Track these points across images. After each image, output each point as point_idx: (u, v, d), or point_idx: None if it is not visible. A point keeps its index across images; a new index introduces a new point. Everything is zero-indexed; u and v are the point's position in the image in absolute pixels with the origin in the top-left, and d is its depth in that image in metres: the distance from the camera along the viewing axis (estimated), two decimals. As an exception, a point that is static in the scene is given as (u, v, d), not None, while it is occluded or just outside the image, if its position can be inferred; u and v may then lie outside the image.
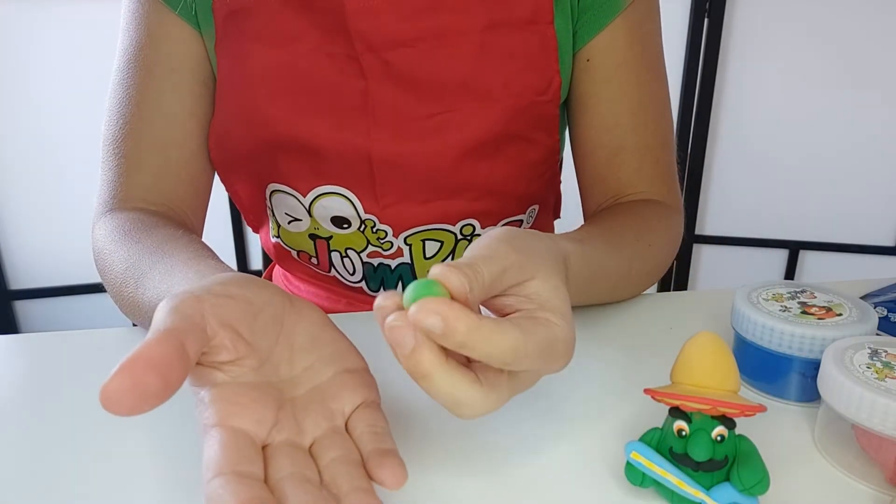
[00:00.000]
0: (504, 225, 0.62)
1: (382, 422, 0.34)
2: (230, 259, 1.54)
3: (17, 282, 1.51)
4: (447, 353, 0.29)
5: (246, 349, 0.32)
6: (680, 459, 0.33)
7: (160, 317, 0.29)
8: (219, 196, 0.63)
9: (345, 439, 0.33)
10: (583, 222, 0.58)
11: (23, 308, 1.54)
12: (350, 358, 0.36)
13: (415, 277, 0.63)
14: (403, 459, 0.32)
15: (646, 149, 0.59)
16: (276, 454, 0.31)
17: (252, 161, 0.58)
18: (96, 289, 1.52)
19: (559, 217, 0.73)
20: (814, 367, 0.40)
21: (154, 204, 0.56)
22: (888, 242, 1.58)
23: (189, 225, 0.58)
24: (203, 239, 0.61)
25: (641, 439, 0.34)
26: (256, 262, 1.56)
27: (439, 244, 0.61)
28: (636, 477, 0.34)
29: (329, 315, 0.37)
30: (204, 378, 0.31)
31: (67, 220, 1.45)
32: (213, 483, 0.28)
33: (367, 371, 0.36)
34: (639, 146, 0.58)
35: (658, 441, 0.34)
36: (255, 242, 1.54)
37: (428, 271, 0.61)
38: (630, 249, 0.52)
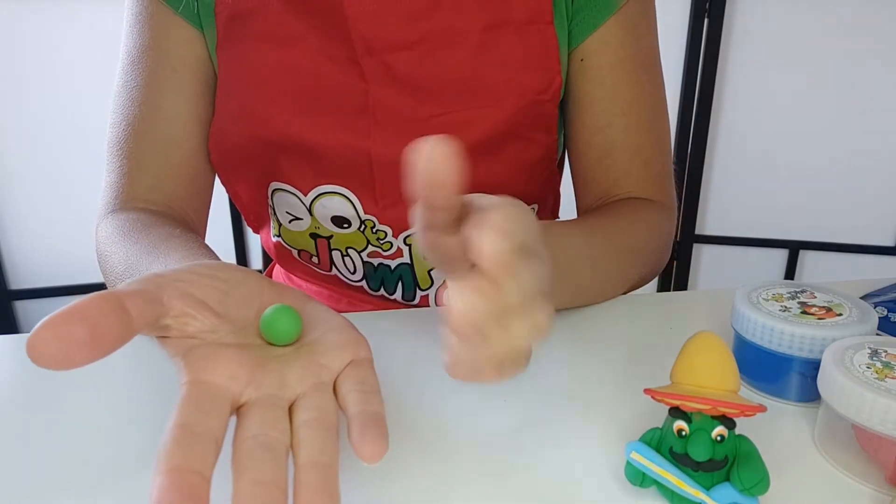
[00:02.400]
0: None
1: (372, 379, 0.32)
2: (230, 259, 1.54)
3: (17, 282, 1.51)
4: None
5: (216, 319, 0.31)
6: (680, 459, 0.33)
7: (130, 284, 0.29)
8: (219, 196, 0.64)
9: (325, 398, 0.31)
10: None
11: (23, 308, 1.54)
12: (337, 318, 0.35)
13: (414, 277, 0.63)
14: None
15: (637, 150, 0.59)
16: (248, 412, 0.29)
17: (252, 161, 0.58)
18: (96, 289, 1.53)
19: (558, 216, 0.73)
20: (814, 367, 0.40)
21: (156, 203, 0.56)
22: (888, 242, 1.58)
23: (191, 224, 0.58)
24: (204, 238, 0.62)
25: (641, 439, 0.34)
26: (256, 262, 1.56)
27: None
28: (636, 477, 0.34)
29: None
30: (178, 346, 0.30)
31: (67, 220, 1.45)
32: (165, 435, 0.27)
33: (357, 331, 0.35)
34: (630, 147, 0.58)
35: (658, 441, 0.34)
36: (255, 242, 1.54)
37: (428, 271, 0.62)
38: (614, 241, 0.52)
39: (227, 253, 1.53)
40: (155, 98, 0.56)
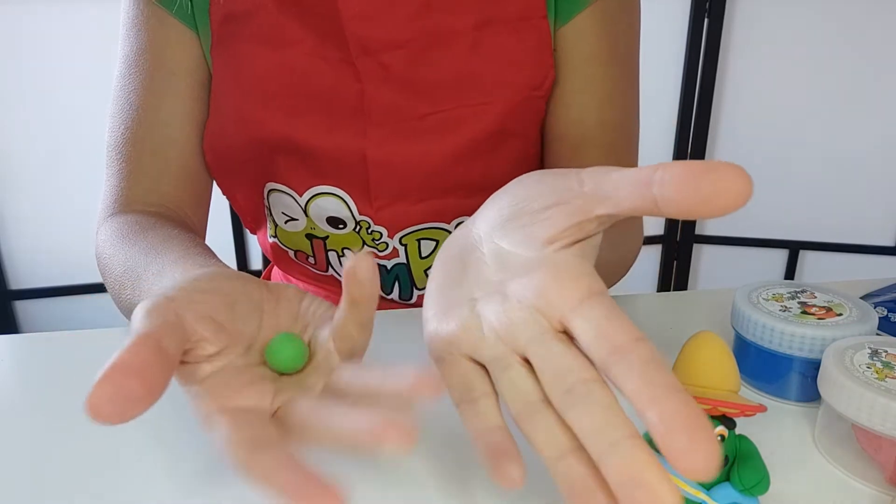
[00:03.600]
0: None
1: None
2: (230, 259, 1.54)
3: (17, 282, 1.51)
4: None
5: (228, 338, 0.31)
6: (680, 459, 0.33)
7: (136, 323, 0.29)
8: (219, 196, 0.64)
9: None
10: None
11: (23, 308, 1.53)
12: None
13: (411, 277, 0.63)
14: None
15: (610, 148, 0.58)
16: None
17: (248, 162, 0.58)
18: (96, 289, 1.54)
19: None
20: (814, 367, 0.40)
21: (154, 206, 0.56)
22: (888, 242, 1.58)
23: (191, 225, 0.58)
24: (204, 239, 0.62)
25: (641, 439, 0.34)
26: (256, 262, 1.56)
27: (434, 243, 0.61)
28: (636, 477, 0.34)
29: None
30: (191, 375, 0.31)
31: (67, 220, 1.45)
32: (245, 458, 0.26)
33: None
34: (603, 144, 0.57)
35: (658, 441, 0.34)
36: (255, 243, 1.54)
37: (425, 271, 0.62)
38: None
39: (227, 253, 1.53)
40: (152, 101, 0.56)
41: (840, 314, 0.43)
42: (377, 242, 0.60)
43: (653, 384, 0.24)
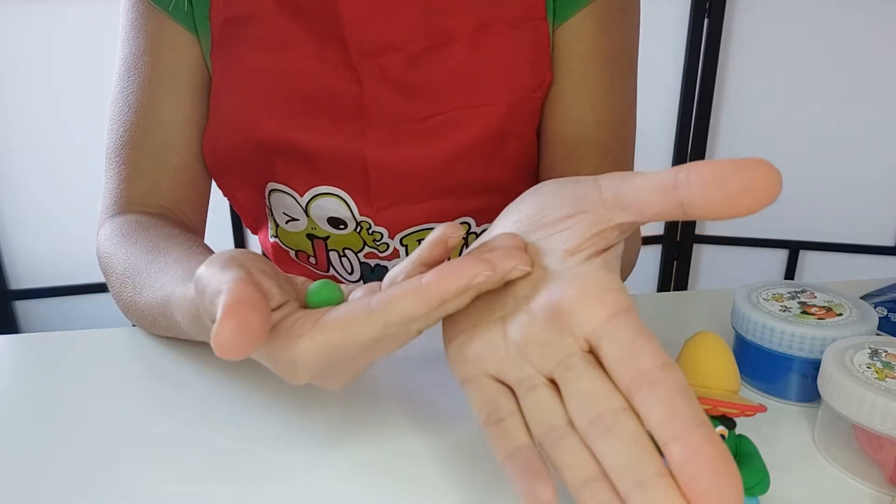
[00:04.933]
0: None
1: None
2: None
3: (17, 282, 1.50)
4: None
5: (286, 294, 0.31)
6: (680, 459, 0.33)
7: (210, 275, 0.29)
8: (219, 196, 0.64)
9: None
10: None
11: (23, 308, 1.53)
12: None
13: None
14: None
15: (606, 149, 0.58)
16: None
17: (248, 164, 0.58)
18: (96, 289, 1.53)
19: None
20: (814, 367, 0.40)
21: (154, 207, 0.56)
22: (888, 242, 1.58)
23: (189, 226, 0.58)
24: (204, 239, 0.62)
25: (641, 439, 0.34)
26: (256, 262, 1.56)
27: None
28: (636, 477, 0.34)
29: None
30: None
31: (68, 220, 1.45)
32: None
33: None
34: (600, 144, 0.57)
35: (658, 441, 0.34)
36: (255, 243, 1.54)
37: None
38: None
39: (227, 253, 1.53)
40: (151, 103, 0.56)
41: (840, 314, 0.43)
42: (378, 243, 0.60)
43: (677, 416, 0.23)
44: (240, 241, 1.54)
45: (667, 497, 0.23)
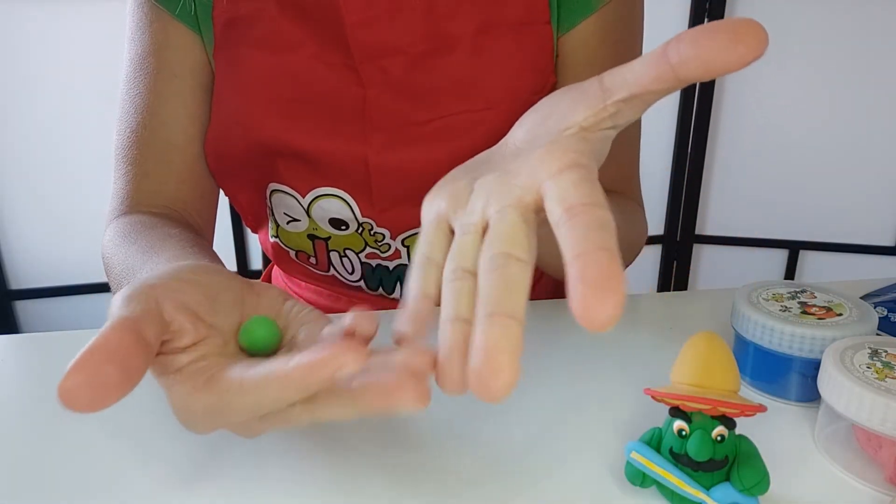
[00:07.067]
0: None
1: None
2: (230, 259, 1.54)
3: (17, 282, 1.50)
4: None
5: (206, 330, 0.31)
6: (680, 459, 0.33)
7: (115, 308, 0.28)
8: (219, 196, 0.64)
9: None
10: None
11: (23, 308, 1.53)
12: (314, 313, 0.35)
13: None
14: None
15: (612, 155, 0.58)
16: None
17: (249, 165, 0.58)
18: (96, 289, 1.53)
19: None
20: (814, 367, 0.40)
21: (160, 207, 0.56)
22: (888, 242, 1.58)
23: (196, 227, 0.58)
24: (212, 239, 0.62)
25: (641, 439, 0.34)
26: (256, 262, 1.56)
27: None
28: (636, 477, 0.34)
29: (330, 315, 0.37)
30: (168, 366, 0.30)
31: (68, 220, 1.45)
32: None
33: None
34: None
35: (658, 441, 0.34)
36: (255, 243, 1.54)
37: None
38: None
39: (227, 253, 1.53)
40: (156, 104, 0.56)
41: (840, 314, 0.43)
42: (380, 244, 0.60)
43: (584, 241, 0.23)
44: (240, 241, 1.54)
45: (507, 335, 0.23)
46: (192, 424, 0.29)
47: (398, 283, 0.64)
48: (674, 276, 1.70)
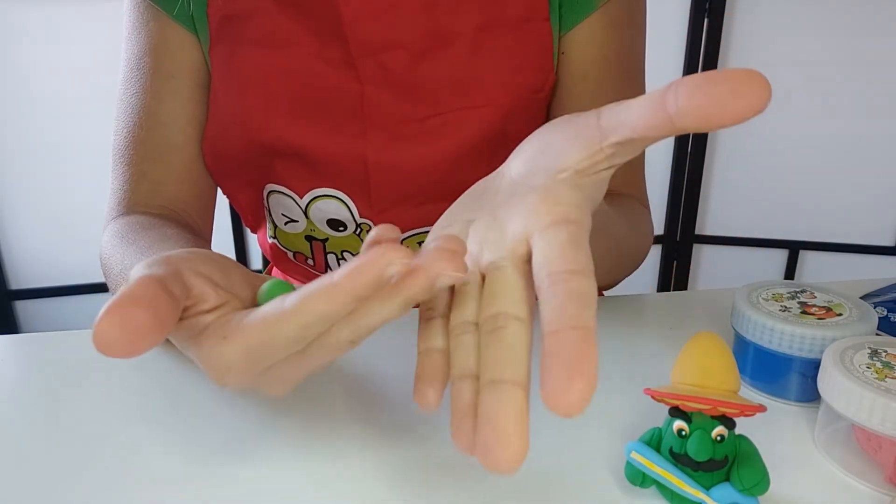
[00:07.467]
0: None
1: None
2: (230, 259, 1.54)
3: (17, 282, 1.50)
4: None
5: (227, 295, 0.31)
6: (680, 459, 0.33)
7: (135, 273, 0.28)
8: (219, 196, 0.63)
9: None
10: None
11: (23, 308, 1.53)
12: None
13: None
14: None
15: None
16: None
17: (247, 165, 0.58)
18: (96, 289, 1.53)
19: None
20: (814, 367, 0.40)
21: (158, 208, 0.56)
22: (888, 242, 1.58)
23: (195, 227, 0.58)
24: (210, 239, 0.62)
25: (641, 439, 0.34)
26: (256, 262, 1.56)
27: None
28: (636, 477, 0.34)
29: None
30: (193, 328, 0.29)
31: (67, 220, 1.45)
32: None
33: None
34: None
35: (658, 441, 0.34)
36: (255, 243, 1.54)
37: None
38: (611, 230, 0.51)
39: (227, 253, 1.52)
40: (153, 104, 0.56)
41: (840, 314, 0.43)
42: None
43: (561, 316, 0.23)
44: (240, 240, 1.54)
45: (513, 403, 0.24)
46: (227, 377, 0.28)
47: None
48: (674, 276, 1.70)
